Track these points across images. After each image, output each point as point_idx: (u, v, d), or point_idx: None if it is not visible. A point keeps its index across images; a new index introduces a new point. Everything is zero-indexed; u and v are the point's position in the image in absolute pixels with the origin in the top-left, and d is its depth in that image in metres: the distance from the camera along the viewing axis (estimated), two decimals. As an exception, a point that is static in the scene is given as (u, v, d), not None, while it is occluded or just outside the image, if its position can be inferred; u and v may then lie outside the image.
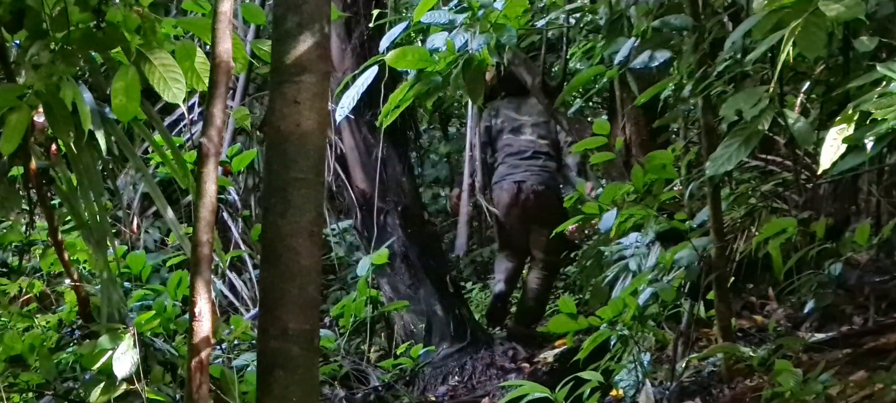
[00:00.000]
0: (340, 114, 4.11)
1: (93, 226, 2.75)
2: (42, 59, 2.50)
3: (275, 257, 1.87)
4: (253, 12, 3.67)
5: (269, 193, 1.92)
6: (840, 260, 3.86)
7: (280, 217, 1.87)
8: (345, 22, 6.95)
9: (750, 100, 2.71)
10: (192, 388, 1.88)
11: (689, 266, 3.94)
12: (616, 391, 3.96)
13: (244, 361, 4.11)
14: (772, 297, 4.58)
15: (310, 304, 1.87)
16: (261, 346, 1.88)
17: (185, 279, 3.67)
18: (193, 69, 2.69)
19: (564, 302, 3.97)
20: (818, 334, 3.97)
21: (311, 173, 1.89)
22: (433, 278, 5.98)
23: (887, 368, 3.29)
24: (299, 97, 1.88)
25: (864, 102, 2.44)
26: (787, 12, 2.39)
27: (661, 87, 4.08)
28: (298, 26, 1.89)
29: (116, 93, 2.48)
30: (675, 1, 3.97)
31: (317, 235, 1.90)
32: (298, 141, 1.88)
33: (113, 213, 5.05)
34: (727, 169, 2.75)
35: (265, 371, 1.85)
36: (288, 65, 1.89)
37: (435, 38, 4.16)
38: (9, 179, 2.91)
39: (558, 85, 6.11)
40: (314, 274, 1.89)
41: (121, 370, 3.12)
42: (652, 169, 3.95)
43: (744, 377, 3.78)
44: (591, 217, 4.22)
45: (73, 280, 3.29)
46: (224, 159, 4.46)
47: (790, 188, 4.50)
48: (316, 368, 1.92)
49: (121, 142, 2.81)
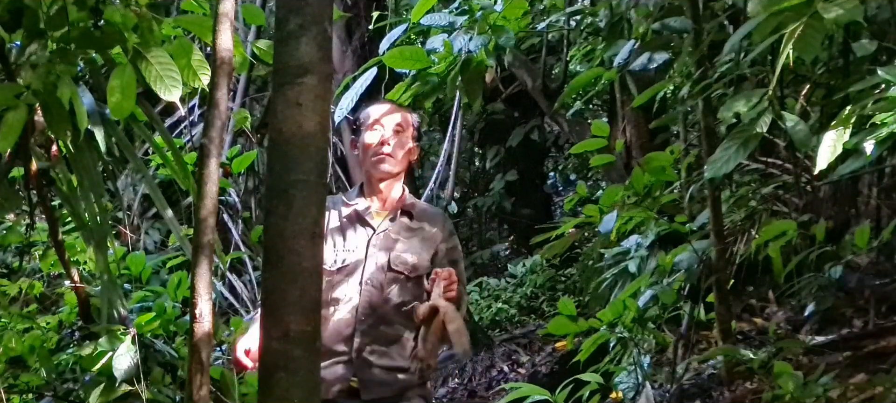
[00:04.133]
0: (339, 115, 4.12)
1: (93, 227, 2.75)
2: (40, 59, 2.50)
3: (277, 259, 1.87)
4: (253, 13, 3.67)
5: (270, 195, 1.92)
6: (840, 262, 3.87)
7: (282, 218, 1.87)
8: (345, 23, 6.97)
9: (748, 102, 2.72)
10: (192, 389, 1.88)
11: (690, 268, 3.94)
12: (616, 393, 3.96)
13: (244, 363, 4.10)
14: (772, 300, 4.59)
15: (311, 306, 1.87)
16: (262, 348, 1.88)
17: (186, 280, 3.67)
18: (190, 67, 2.69)
19: (564, 303, 3.97)
20: (818, 337, 3.98)
21: (313, 175, 1.89)
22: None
23: (887, 371, 3.29)
24: (301, 99, 1.87)
25: (863, 106, 2.44)
26: (787, 15, 2.40)
27: (659, 89, 4.09)
28: (300, 28, 1.89)
29: (112, 92, 2.48)
30: (674, 4, 3.98)
31: (318, 237, 1.89)
32: (300, 142, 1.87)
33: (113, 214, 5.05)
34: (726, 171, 2.75)
35: (267, 372, 1.85)
36: (290, 66, 1.89)
37: (434, 39, 4.17)
38: (9, 180, 2.91)
39: (558, 87, 6.12)
40: (316, 275, 1.89)
41: (120, 371, 3.12)
42: (651, 171, 3.96)
43: (744, 379, 3.79)
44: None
45: (73, 281, 3.29)
46: (224, 161, 4.46)
47: (790, 191, 4.51)
48: (317, 370, 1.91)
49: (121, 142, 2.81)
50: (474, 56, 4.02)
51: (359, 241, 2.72)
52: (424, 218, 2.80)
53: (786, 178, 4.49)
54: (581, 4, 5.36)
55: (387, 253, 2.70)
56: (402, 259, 2.70)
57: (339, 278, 2.68)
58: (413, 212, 2.79)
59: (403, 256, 2.70)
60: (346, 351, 2.65)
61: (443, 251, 2.76)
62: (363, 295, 2.66)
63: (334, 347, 2.64)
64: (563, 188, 10.65)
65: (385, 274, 2.68)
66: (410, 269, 2.70)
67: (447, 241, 2.79)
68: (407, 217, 2.77)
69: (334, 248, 2.71)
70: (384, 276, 2.68)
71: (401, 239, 2.73)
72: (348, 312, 2.66)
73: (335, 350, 2.64)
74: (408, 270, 2.69)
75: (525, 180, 9.08)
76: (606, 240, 4.58)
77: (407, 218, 2.77)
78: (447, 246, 2.78)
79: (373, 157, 2.75)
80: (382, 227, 2.74)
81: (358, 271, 2.69)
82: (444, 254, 2.76)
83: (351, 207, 2.77)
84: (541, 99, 6.29)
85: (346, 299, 2.67)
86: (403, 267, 2.69)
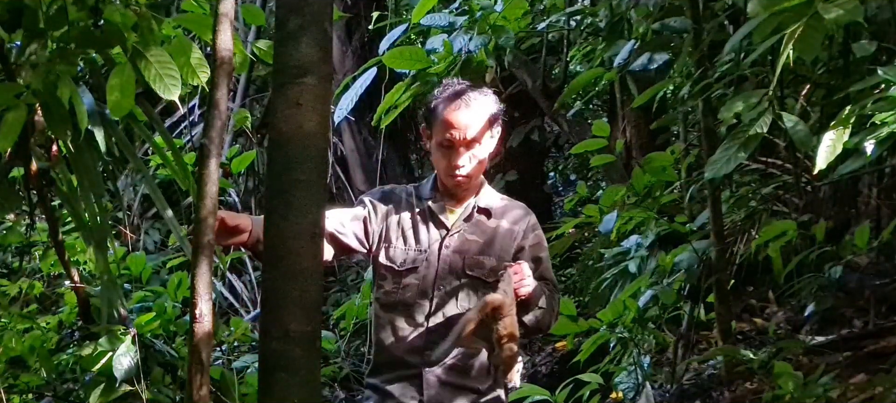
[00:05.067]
0: (339, 115, 4.12)
1: (93, 227, 2.75)
2: (40, 59, 2.50)
3: (277, 259, 1.86)
4: (253, 14, 3.67)
5: (270, 195, 1.92)
6: (840, 263, 3.87)
7: (282, 218, 1.87)
8: (346, 24, 6.97)
9: (748, 102, 2.72)
10: (192, 389, 1.88)
11: (690, 268, 3.94)
12: (616, 393, 3.96)
13: (244, 363, 4.11)
14: (772, 300, 4.59)
15: (311, 306, 1.87)
16: (262, 348, 1.88)
17: (186, 280, 3.67)
18: (189, 65, 2.69)
19: (564, 304, 3.97)
20: (818, 337, 3.97)
21: (314, 175, 1.89)
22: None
23: (887, 371, 3.29)
24: (301, 99, 1.87)
25: (863, 106, 2.45)
26: (787, 15, 2.40)
27: (659, 89, 4.09)
28: (300, 28, 1.89)
29: (112, 90, 2.48)
30: (674, 4, 3.98)
31: (318, 237, 1.89)
32: (300, 142, 1.87)
33: (113, 214, 5.04)
34: (726, 171, 2.75)
35: (267, 372, 1.85)
36: (290, 66, 1.89)
37: (434, 39, 4.18)
38: (9, 180, 2.91)
39: (558, 87, 6.12)
40: (316, 275, 1.89)
41: (120, 371, 3.12)
42: (652, 171, 3.96)
43: (744, 379, 3.79)
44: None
45: (73, 281, 3.29)
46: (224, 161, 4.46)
47: (790, 191, 4.51)
48: (317, 370, 1.91)
49: (121, 142, 2.80)
50: (474, 56, 4.03)
51: (431, 242, 2.42)
52: (504, 214, 2.48)
53: (786, 178, 4.48)
54: (581, 4, 5.36)
55: (462, 256, 2.41)
56: (479, 261, 2.40)
57: (408, 280, 2.39)
58: (491, 210, 2.48)
59: (480, 259, 2.40)
60: (414, 364, 2.36)
61: (526, 248, 2.46)
62: (435, 303, 2.37)
63: (402, 358, 2.37)
64: (563, 188, 10.64)
65: (459, 280, 2.39)
66: (488, 273, 2.39)
67: (529, 237, 2.48)
68: (484, 215, 2.46)
69: (404, 246, 2.42)
70: (459, 282, 2.38)
71: (477, 239, 2.42)
72: (418, 321, 2.37)
73: (403, 361, 2.37)
74: (485, 274, 2.39)
75: (525, 180, 9.06)
76: (606, 240, 4.58)
77: (484, 217, 2.46)
78: (530, 243, 2.47)
79: (445, 174, 2.44)
80: (457, 227, 2.44)
81: (429, 275, 2.39)
82: (528, 252, 2.46)
83: (425, 202, 2.47)
84: (541, 99, 6.28)
85: (415, 306, 2.38)
86: (480, 272, 2.40)
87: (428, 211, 2.45)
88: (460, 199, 2.47)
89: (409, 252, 2.41)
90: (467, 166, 2.41)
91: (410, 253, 2.41)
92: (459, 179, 2.42)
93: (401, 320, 2.38)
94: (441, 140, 2.41)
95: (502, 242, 2.44)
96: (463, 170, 2.40)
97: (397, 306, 2.39)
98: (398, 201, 2.48)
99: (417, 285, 2.38)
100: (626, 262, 4.34)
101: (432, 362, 2.35)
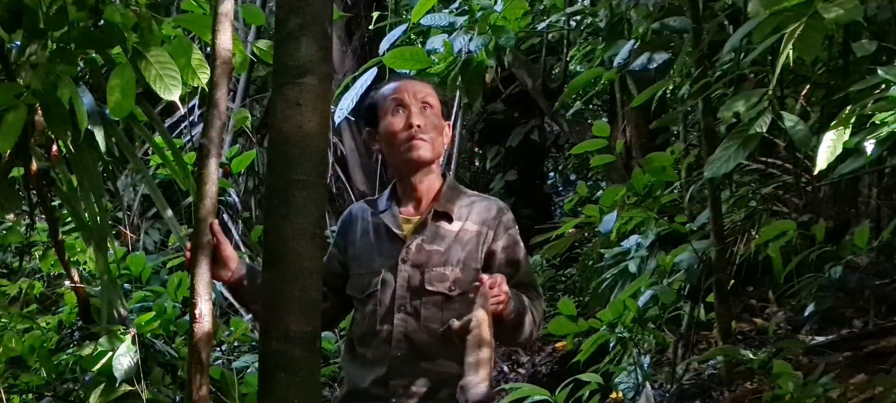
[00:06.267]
0: (339, 115, 4.12)
1: (93, 227, 2.75)
2: (40, 59, 2.51)
3: (277, 259, 1.87)
4: (253, 13, 3.68)
5: (270, 195, 1.92)
6: (840, 263, 3.86)
7: (282, 219, 1.87)
8: (345, 24, 6.97)
9: (748, 102, 2.72)
10: (192, 389, 1.88)
11: (690, 268, 3.94)
12: (616, 393, 3.96)
13: (244, 363, 4.11)
14: (772, 300, 4.59)
15: (311, 306, 1.87)
16: (262, 348, 1.88)
17: (186, 280, 3.67)
18: (189, 65, 2.69)
19: (564, 304, 3.97)
20: (818, 337, 3.97)
21: (313, 175, 1.89)
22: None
23: (887, 371, 3.29)
24: (301, 99, 1.88)
25: (863, 106, 2.45)
26: (787, 15, 2.40)
27: (659, 89, 4.10)
28: (300, 28, 1.89)
29: (112, 91, 2.49)
30: (674, 4, 3.99)
31: (318, 237, 1.90)
32: (300, 143, 1.88)
33: (113, 214, 5.05)
34: (725, 171, 2.75)
35: (267, 372, 1.85)
36: (290, 66, 1.89)
37: (434, 39, 4.18)
38: (9, 180, 2.91)
39: (559, 87, 6.12)
40: (316, 275, 1.89)
41: (120, 371, 3.12)
42: (652, 171, 3.96)
43: (744, 379, 3.79)
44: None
45: (73, 281, 3.29)
46: (224, 161, 4.47)
47: (790, 191, 4.50)
48: (317, 370, 1.92)
49: (121, 142, 2.81)
50: (474, 56, 4.03)
51: (388, 260, 2.16)
52: (469, 215, 2.19)
53: (786, 178, 4.48)
54: (581, 4, 5.36)
55: (420, 270, 2.13)
56: (441, 274, 2.12)
57: (369, 307, 2.15)
58: (452, 212, 2.19)
59: (441, 271, 2.12)
60: (379, 396, 2.11)
61: (499, 252, 2.18)
62: (397, 326, 2.11)
63: (367, 390, 2.13)
64: (563, 188, 10.64)
65: (420, 298, 2.12)
66: (450, 286, 2.12)
67: (503, 238, 2.18)
68: (444, 220, 2.18)
69: (362, 271, 2.19)
70: (419, 300, 2.12)
71: (437, 248, 2.15)
72: (381, 350, 2.12)
73: (367, 393, 2.13)
74: (447, 288, 2.12)
75: (525, 180, 9.06)
76: (606, 240, 4.58)
77: (444, 221, 2.18)
78: (502, 244, 2.18)
79: (402, 145, 2.17)
80: (414, 239, 2.17)
81: (386, 297, 2.14)
82: (501, 256, 2.18)
83: (380, 216, 2.23)
84: (541, 99, 6.29)
85: (379, 333, 2.13)
86: (442, 286, 2.12)
87: (383, 225, 2.21)
88: (420, 203, 2.22)
89: (365, 277, 2.18)
90: (424, 124, 2.17)
91: (366, 278, 2.17)
92: (420, 142, 2.16)
93: (367, 350, 2.15)
94: (391, 108, 2.19)
95: (467, 248, 2.16)
96: (423, 132, 2.16)
97: (364, 337, 2.16)
98: (354, 224, 2.27)
99: (377, 310, 2.14)
100: (626, 262, 4.34)
101: (398, 393, 2.11)
